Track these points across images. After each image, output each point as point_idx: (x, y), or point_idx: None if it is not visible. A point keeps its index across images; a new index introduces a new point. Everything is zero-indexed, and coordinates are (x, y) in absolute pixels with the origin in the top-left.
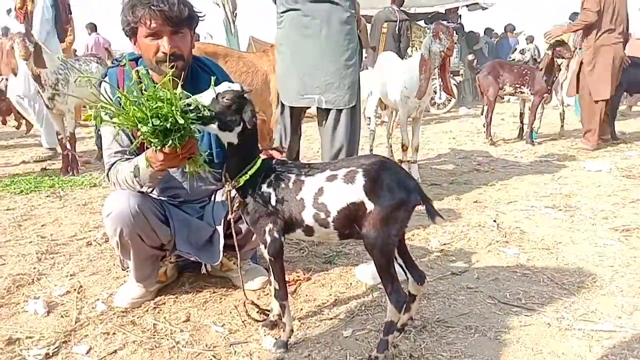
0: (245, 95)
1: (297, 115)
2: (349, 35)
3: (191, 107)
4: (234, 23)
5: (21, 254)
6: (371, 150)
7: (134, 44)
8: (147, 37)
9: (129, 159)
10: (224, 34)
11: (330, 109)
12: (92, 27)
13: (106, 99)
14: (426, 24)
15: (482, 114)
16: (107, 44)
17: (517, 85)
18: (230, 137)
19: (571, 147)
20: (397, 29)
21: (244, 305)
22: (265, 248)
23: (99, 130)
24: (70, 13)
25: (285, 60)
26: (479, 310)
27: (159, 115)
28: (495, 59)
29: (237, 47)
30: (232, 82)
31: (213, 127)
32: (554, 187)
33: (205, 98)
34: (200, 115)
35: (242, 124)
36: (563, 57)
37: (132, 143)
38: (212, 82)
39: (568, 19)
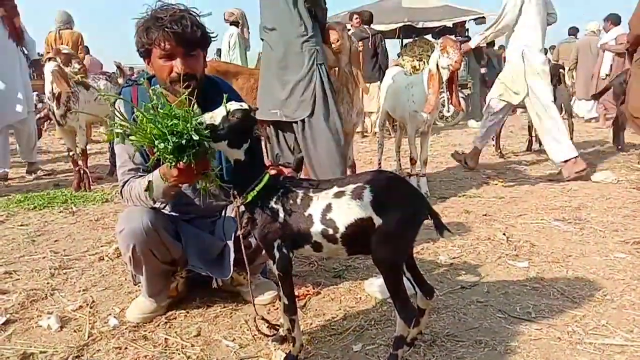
0: (253, 113)
1: (286, 130)
2: (297, 57)
3: (203, 126)
4: (247, 40)
5: (35, 269)
6: (380, 164)
7: (148, 64)
8: (161, 59)
9: (142, 175)
10: (237, 50)
11: (296, 122)
12: (86, 50)
13: (123, 117)
14: (434, 38)
15: None
16: (100, 64)
17: None
18: (238, 154)
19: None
20: (370, 44)
21: (255, 321)
22: (274, 264)
23: (113, 146)
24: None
25: (261, 81)
26: (489, 324)
27: (175, 132)
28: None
29: (247, 62)
30: (241, 101)
31: (223, 145)
32: (564, 199)
33: (216, 116)
34: (212, 133)
35: (249, 141)
36: None
37: (145, 160)
38: (225, 101)
39: (568, 35)
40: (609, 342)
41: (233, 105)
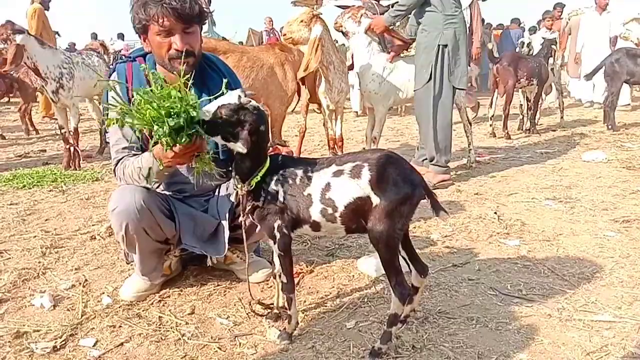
0: (246, 105)
1: None
2: None
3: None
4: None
5: (26, 248)
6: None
7: (144, 41)
8: (158, 35)
9: (136, 154)
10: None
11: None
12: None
13: (119, 99)
14: None
15: (490, 106)
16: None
17: (531, 78)
18: (237, 147)
19: (571, 138)
20: None
21: (250, 305)
22: (274, 244)
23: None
24: None
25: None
26: (480, 301)
27: (172, 113)
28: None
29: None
30: (237, 80)
31: (218, 139)
32: (555, 178)
33: (208, 111)
34: (204, 127)
35: (250, 135)
36: None
37: (139, 139)
38: (224, 86)
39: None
40: (598, 318)
41: (226, 99)
